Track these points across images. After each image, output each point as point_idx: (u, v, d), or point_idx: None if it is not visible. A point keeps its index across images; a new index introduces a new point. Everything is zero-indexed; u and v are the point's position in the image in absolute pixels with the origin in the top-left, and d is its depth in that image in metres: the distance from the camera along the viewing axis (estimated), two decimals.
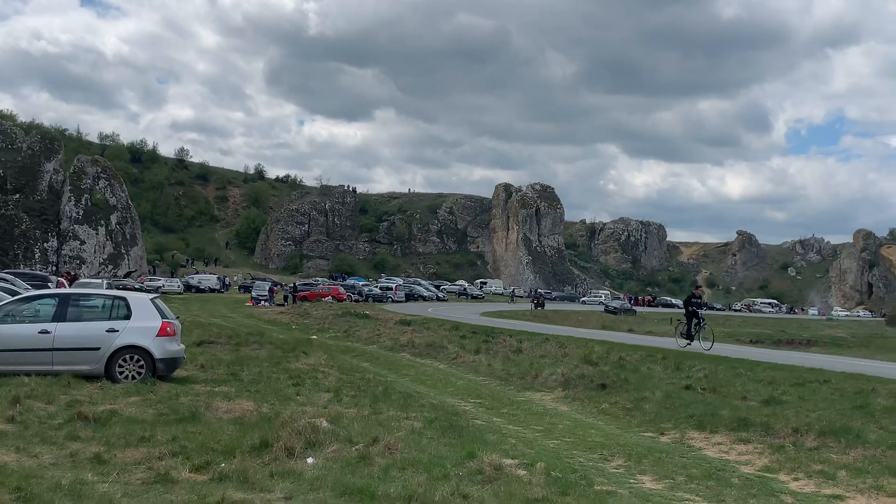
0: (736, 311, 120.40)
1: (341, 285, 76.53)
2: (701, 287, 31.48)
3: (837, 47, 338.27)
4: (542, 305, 73.75)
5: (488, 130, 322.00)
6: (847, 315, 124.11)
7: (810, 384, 16.88)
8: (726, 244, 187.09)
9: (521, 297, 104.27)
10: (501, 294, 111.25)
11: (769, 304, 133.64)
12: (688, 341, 26.72)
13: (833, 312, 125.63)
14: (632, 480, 8.68)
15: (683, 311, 28.64)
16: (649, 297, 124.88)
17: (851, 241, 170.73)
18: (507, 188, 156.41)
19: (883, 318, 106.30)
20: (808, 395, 15.29)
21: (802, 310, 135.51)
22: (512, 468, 8.48)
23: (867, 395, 15.10)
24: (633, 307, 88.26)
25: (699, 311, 27.45)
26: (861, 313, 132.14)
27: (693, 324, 26.96)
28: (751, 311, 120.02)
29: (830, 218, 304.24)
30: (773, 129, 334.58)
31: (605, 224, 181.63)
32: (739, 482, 8.67)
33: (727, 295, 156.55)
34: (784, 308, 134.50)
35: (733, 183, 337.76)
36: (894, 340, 55.89)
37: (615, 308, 79.86)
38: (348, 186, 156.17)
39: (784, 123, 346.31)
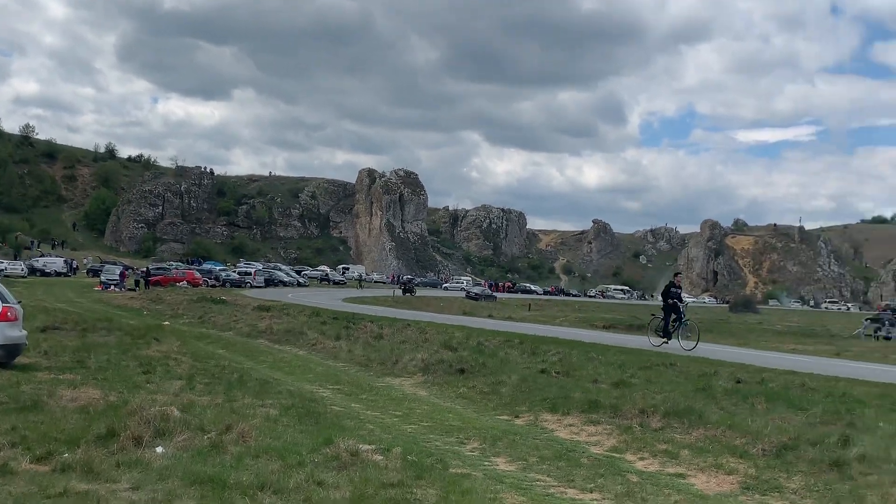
0: (591, 297, 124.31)
1: (197, 270, 74.48)
2: (680, 274, 27.91)
3: (690, 43, 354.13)
4: (412, 291, 74.13)
5: (351, 114, 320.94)
6: (693, 301, 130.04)
7: (657, 367, 17.60)
8: (582, 232, 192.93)
9: (370, 282, 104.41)
10: (363, 279, 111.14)
11: (622, 290, 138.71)
12: (664, 340, 23.45)
13: None
14: (486, 462, 8.83)
15: (661, 303, 24.27)
16: (509, 284, 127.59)
17: (699, 230, 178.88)
18: (370, 173, 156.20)
19: (726, 305, 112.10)
20: (654, 377, 15.93)
21: (652, 296, 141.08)
22: (368, 454, 8.48)
23: (709, 378, 15.86)
24: (494, 293, 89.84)
25: (680, 305, 23.67)
26: (706, 300, 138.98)
27: (672, 319, 23.50)
28: (604, 298, 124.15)
29: (680, 208, 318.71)
30: (628, 122, 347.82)
31: (467, 211, 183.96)
32: (589, 462, 8.95)
33: (583, 281, 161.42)
34: (635, 294, 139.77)
35: (590, 173, 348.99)
36: (737, 325, 59.00)
37: (476, 294, 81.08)
38: (205, 168, 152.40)
39: (638, 116, 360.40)
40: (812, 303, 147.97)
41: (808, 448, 9.24)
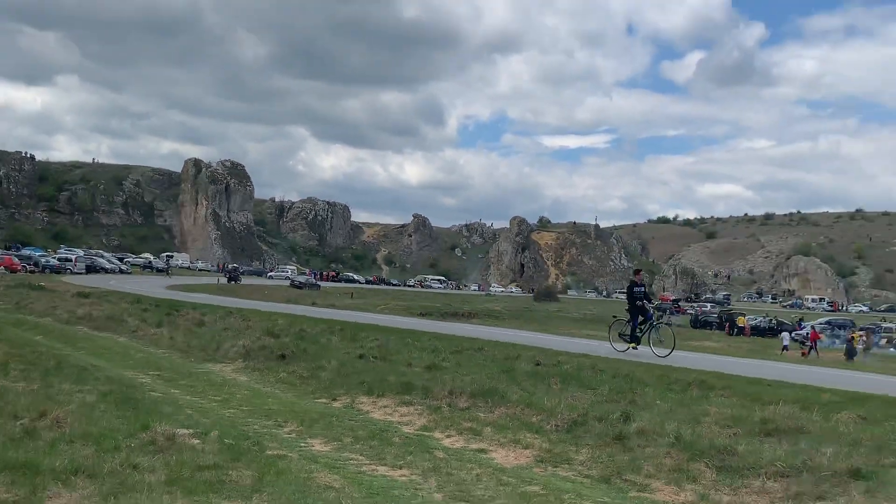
0: (410, 286, 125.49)
1: (15, 255, 69.66)
2: (642, 271, 22.92)
3: (503, 54, 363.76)
4: (237, 280, 72.32)
5: (178, 104, 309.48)
6: (502, 291, 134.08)
7: (467, 351, 18.02)
8: (403, 225, 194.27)
9: (194, 269, 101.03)
10: (188, 268, 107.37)
11: (438, 280, 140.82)
12: (631, 345, 20.09)
13: (491, 289, 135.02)
14: (303, 444, 8.76)
15: (627, 304, 20.62)
16: (333, 273, 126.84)
17: (508, 226, 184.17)
18: (196, 163, 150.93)
19: (531, 294, 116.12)
20: (464, 361, 16.29)
21: (465, 286, 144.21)
22: (185, 438, 8.23)
23: (513, 361, 16.40)
24: (318, 282, 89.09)
25: (648, 305, 20.49)
26: (513, 289, 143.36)
27: (639, 322, 20.10)
28: (423, 287, 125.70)
29: (492, 205, 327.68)
30: (446, 124, 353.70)
31: (293, 203, 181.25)
32: (400, 441, 9.05)
33: (403, 272, 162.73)
34: (451, 284, 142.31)
35: (411, 170, 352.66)
36: (540, 313, 61.30)
37: (301, 283, 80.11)
38: (26, 153, 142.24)
39: (456, 119, 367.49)
40: (605, 293, 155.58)
41: (595, 423, 9.72)
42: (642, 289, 20.66)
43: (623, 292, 26.23)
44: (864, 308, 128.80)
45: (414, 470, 7.71)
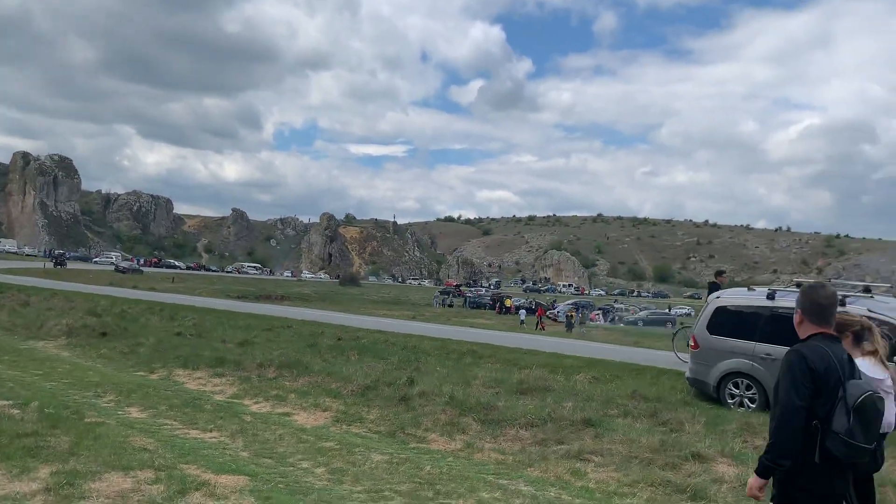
0: (228, 272, 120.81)
1: None
2: (725, 273, 17.17)
3: (315, 70, 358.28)
4: (63, 264, 66.52)
5: (8, 100, 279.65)
6: (312, 277, 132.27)
7: (277, 329, 17.68)
8: (223, 218, 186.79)
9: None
10: (16, 253, 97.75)
11: (254, 267, 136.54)
12: None
13: (302, 275, 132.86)
14: (120, 412, 8.27)
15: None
16: (156, 259, 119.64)
17: (319, 221, 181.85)
18: (25, 156, 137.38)
19: (337, 280, 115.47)
20: (273, 337, 15.99)
21: (279, 273, 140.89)
22: (6, 408, 7.57)
23: (317, 337, 16.29)
24: (141, 267, 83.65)
25: None
26: (322, 276, 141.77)
27: None
28: (240, 273, 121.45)
29: (304, 202, 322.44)
30: (263, 129, 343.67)
31: (119, 195, 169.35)
32: (211, 408, 8.76)
33: (222, 259, 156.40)
34: (266, 271, 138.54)
35: (230, 168, 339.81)
36: (345, 296, 61.04)
37: (124, 268, 74.86)
38: None
39: (272, 125, 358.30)
40: (400, 279, 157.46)
41: (385, 388, 9.86)
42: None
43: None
44: (602, 292, 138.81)
45: (223, 432, 7.49)
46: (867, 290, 10.11)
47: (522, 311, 41.20)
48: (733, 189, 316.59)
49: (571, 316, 36.69)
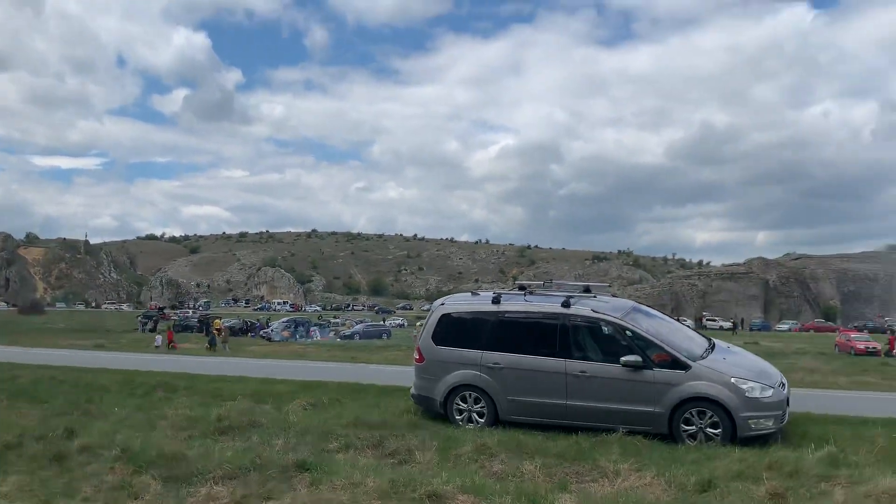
0: None
1: None
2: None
3: None
4: None
5: None
6: None
7: None
8: None
9: None
10: None
11: None
12: None
13: None
14: None
15: None
16: None
17: None
18: None
19: (16, 308, 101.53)
20: None
21: None
22: None
23: None
24: None
25: None
26: (2, 305, 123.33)
27: None
28: None
29: None
30: None
31: None
32: None
33: None
34: None
35: None
36: (24, 326, 53.13)
37: None
38: None
39: None
40: (94, 304, 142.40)
41: (34, 444, 7.48)
42: None
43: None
44: (319, 308, 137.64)
45: None
46: (587, 290, 9.87)
47: (158, 337, 36.30)
48: (439, 204, 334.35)
49: (218, 332, 33.72)
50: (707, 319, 74.88)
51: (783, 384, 8.96)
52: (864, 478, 6.07)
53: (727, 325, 71.24)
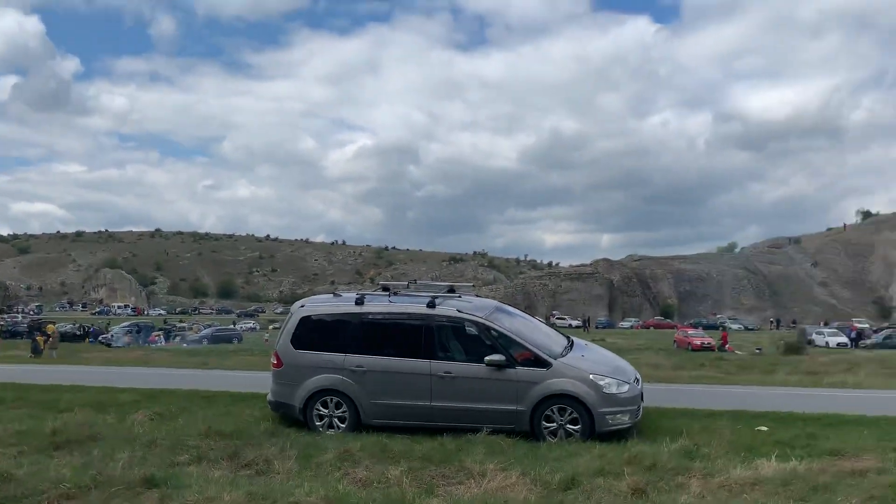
0: None
1: None
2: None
3: None
4: None
5: None
6: None
7: None
8: None
9: None
10: None
11: None
12: None
13: None
14: None
15: None
16: None
17: None
18: None
19: None
20: None
21: None
22: None
23: None
24: None
25: None
26: None
27: None
28: None
29: None
30: None
31: None
32: None
33: None
34: None
35: None
36: None
37: None
38: None
39: None
40: None
41: None
42: None
43: None
44: (163, 311, 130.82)
45: None
46: (452, 290, 9.82)
47: None
48: (294, 204, 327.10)
49: (40, 339, 31.73)
50: (556, 318, 77.87)
51: (637, 380, 9.31)
52: (717, 469, 6.37)
53: (576, 323, 74.40)
